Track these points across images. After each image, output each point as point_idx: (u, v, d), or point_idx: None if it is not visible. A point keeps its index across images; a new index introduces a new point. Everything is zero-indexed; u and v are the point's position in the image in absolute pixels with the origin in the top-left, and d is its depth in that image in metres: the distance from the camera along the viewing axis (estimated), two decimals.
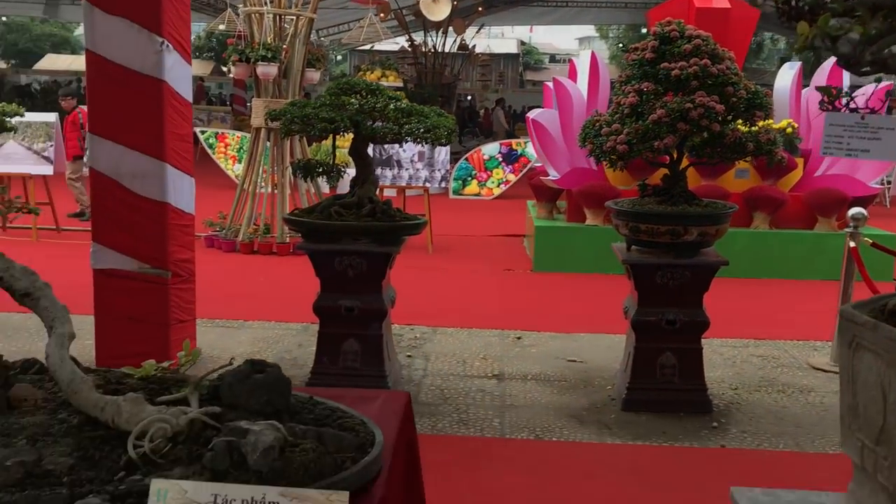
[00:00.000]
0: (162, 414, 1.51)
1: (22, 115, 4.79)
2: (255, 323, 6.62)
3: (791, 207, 8.82)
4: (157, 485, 1.20)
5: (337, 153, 5.43)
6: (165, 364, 1.72)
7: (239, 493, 1.19)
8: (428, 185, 10.02)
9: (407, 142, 4.90)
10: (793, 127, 8.66)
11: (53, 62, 26.65)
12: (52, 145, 10.17)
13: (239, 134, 14.61)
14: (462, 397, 5.16)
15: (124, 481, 1.39)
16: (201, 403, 1.64)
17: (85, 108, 12.13)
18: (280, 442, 1.48)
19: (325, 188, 9.44)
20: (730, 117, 4.74)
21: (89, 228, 5.40)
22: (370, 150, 5.50)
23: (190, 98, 5.48)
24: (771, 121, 4.91)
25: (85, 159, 11.27)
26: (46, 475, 1.41)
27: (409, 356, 5.91)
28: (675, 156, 4.95)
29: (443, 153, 10.01)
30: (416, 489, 1.95)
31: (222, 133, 14.82)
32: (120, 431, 1.53)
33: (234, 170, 13.82)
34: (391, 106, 4.89)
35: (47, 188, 10.27)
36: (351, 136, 5.09)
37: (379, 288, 5.16)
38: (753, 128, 4.89)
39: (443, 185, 11.30)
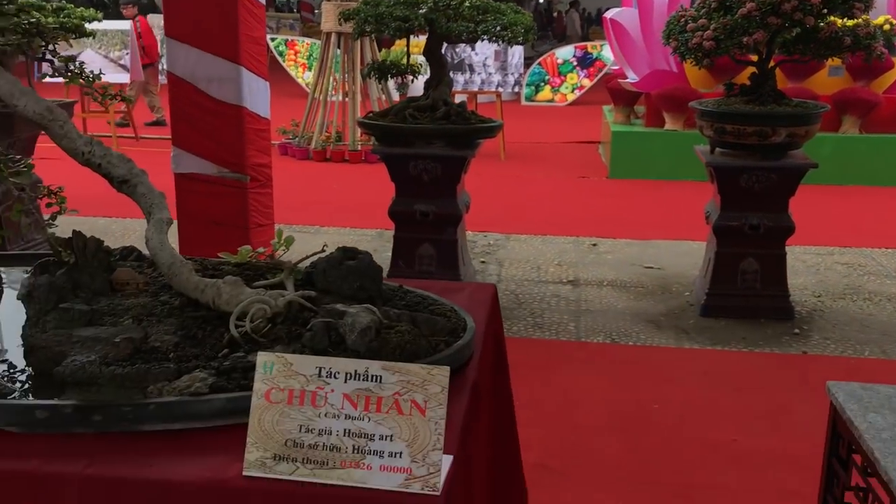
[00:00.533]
0: (261, 296, 1.54)
1: (100, 20, 4.82)
2: (330, 229, 6.71)
3: (884, 110, 8.39)
4: (263, 357, 1.23)
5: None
6: (260, 250, 1.75)
7: (342, 367, 1.21)
8: (500, 89, 9.84)
9: (483, 40, 4.78)
10: (891, 24, 8.14)
11: None
12: (127, 53, 10.30)
13: (308, 41, 14.51)
14: (537, 302, 5.17)
15: (228, 357, 1.43)
16: (296, 288, 1.66)
17: (146, 17, 12.16)
18: (376, 324, 1.49)
19: (396, 95, 9.38)
20: (825, 10, 4.46)
21: (167, 136, 5.48)
22: (444, 51, 5.39)
23: (263, 0, 5.42)
24: (867, 16, 4.61)
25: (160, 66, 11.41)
26: (153, 351, 1.46)
27: (482, 262, 5.92)
28: (763, 53, 4.72)
29: (516, 56, 9.77)
30: (504, 379, 1.96)
31: (292, 40, 14.74)
32: (220, 312, 1.57)
33: (305, 77, 13.79)
34: (466, 3, 4.75)
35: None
36: (424, 37, 4.99)
37: (454, 193, 5.14)
38: (850, 21, 4.61)
39: (515, 89, 11.09)
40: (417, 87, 5.16)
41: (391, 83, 9.50)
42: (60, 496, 1.23)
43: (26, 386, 1.43)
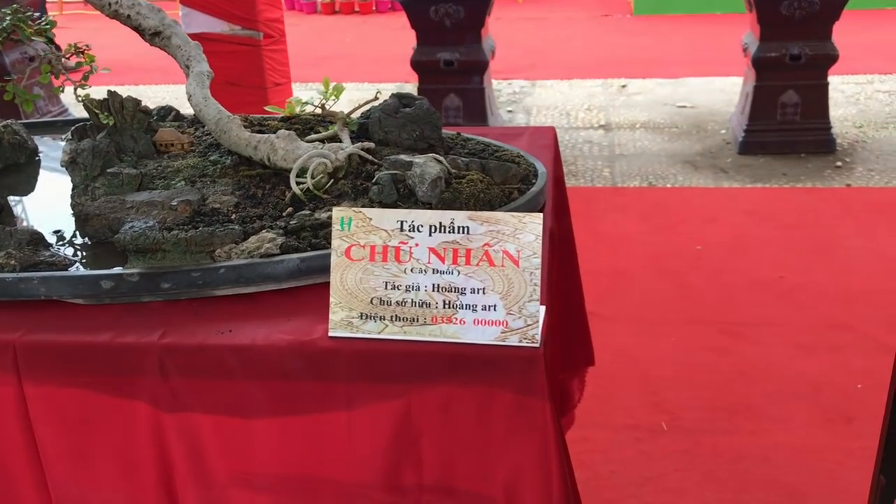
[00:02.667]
0: (319, 150, 1.44)
1: None
2: (349, 84, 6.50)
3: None
4: (339, 213, 1.14)
5: None
6: (306, 99, 1.63)
7: (426, 219, 1.12)
8: None
9: None
10: None
11: None
12: None
13: None
14: (569, 149, 5.04)
15: (294, 216, 1.35)
16: (352, 140, 1.55)
17: None
18: (445, 173, 1.39)
19: None
20: None
21: None
22: None
23: None
24: None
25: None
26: (214, 213, 1.37)
27: (509, 111, 5.75)
28: None
29: None
30: (568, 224, 1.88)
31: None
32: (277, 169, 1.47)
33: None
34: None
35: None
36: None
37: (478, 38, 4.91)
38: None
39: None
40: None
41: None
42: (141, 367, 1.18)
43: (85, 256, 1.36)
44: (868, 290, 3.39)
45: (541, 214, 1.11)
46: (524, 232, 1.11)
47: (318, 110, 1.60)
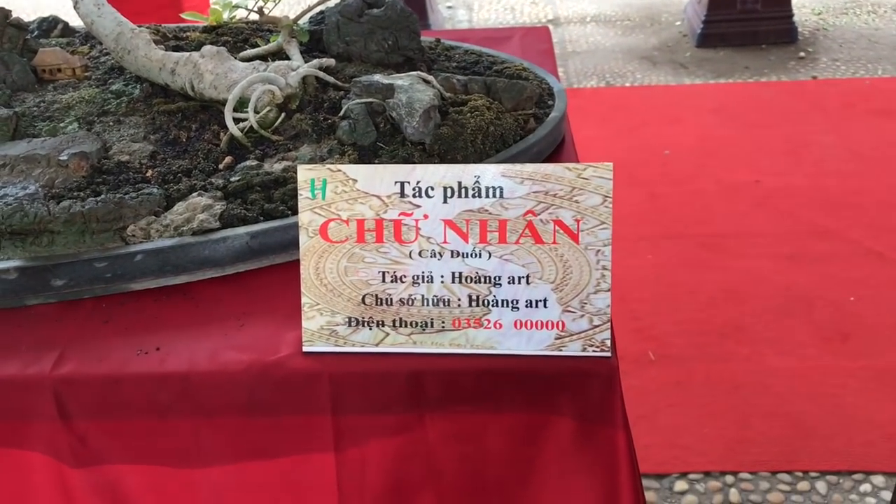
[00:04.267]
0: (261, 73, 1.04)
1: None
2: None
3: None
4: (307, 173, 0.76)
5: None
6: (244, 5, 1.21)
7: (438, 178, 0.76)
8: None
9: None
10: None
11: None
12: None
13: None
14: None
15: (235, 170, 0.96)
16: (303, 58, 1.15)
17: None
18: (439, 99, 1.02)
19: None
20: None
21: None
22: None
23: None
24: None
25: None
26: (121, 170, 0.98)
27: (449, 7, 5.27)
28: None
29: None
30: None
31: None
32: (204, 101, 1.07)
33: None
34: None
35: None
36: None
37: None
38: None
39: None
40: None
41: None
42: (31, 408, 0.80)
43: None
44: (847, 190, 3.18)
45: (610, 165, 0.76)
46: (586, 192, 0.76)
47: (254, 16, 1.19)
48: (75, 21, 1.36)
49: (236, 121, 1.01)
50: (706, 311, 2.63)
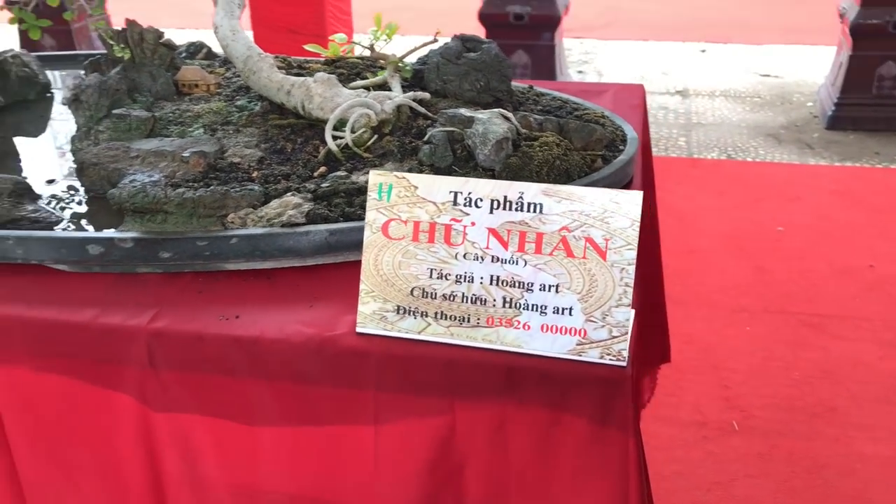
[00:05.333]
0: (362, 98, 1.19)
1: None
2: (413, 37, 6.21)
3: None
4: (378, 178, 0.89)
5: None
6: (364, 39, 1.37)
7: (487, 191, 0.87)
8: None
9: None
10: None
11: None
12: None
13: None
14: None
15: (327, 178, 1.11)
16: (404, 90, 1.30)
17: None
18: (513, 133, 1.13)
19: None
20: None
21: None
22: None
23: None
24: None
25: None
26: (232, 169, 1.14)
27: (580, 72, 5.42)
28: None
29: None
30: (653, 205, 1.61)
31: None
32: (312, 120, 1.23)
33: None
34: None
35: None
36: None
37: None
38: None
39: None
40: None
41: None
42: (127, 355, 0.95)
43: (78, 213, 1.14)
44: None
45: (640, 193, 0.85)
46: (617, 215, 0.85)
47: (367, 52, 1.35)
48: (219, 47, 1.56)
49: (335, 138, 1.16)
50: (799, 387, 2.58)
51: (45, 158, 1.34)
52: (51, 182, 1.23)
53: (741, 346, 2.77)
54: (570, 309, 0.86)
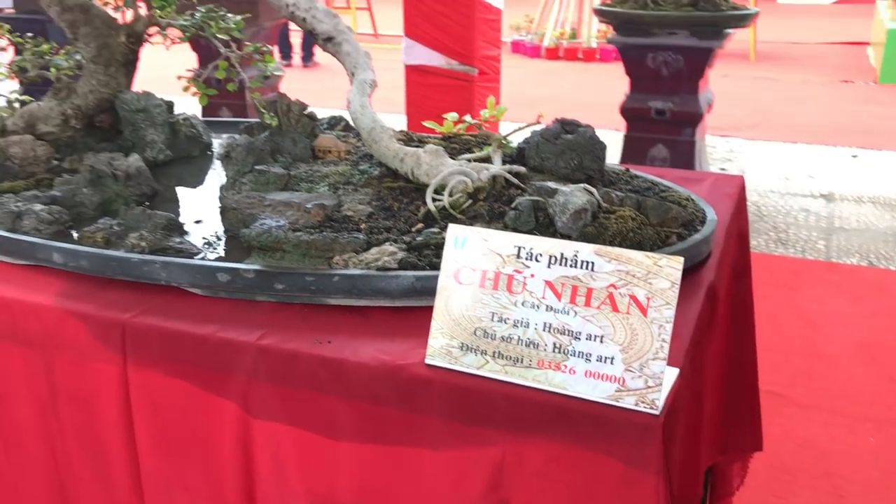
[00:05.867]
0: (463, 168, 1.34)
1: None
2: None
3: None
4: (455, 231, 1.03)
5: None
6: (468, 119, 1.54)
7: (546, 248, 0.99)
8: None
9: None
10: None
11: None
12: None
13: None
14: (782, 216, 4.64)
15: (422, 232, 1.26)
16: (505, 164, 1.45)
17: None
18: (593, 206, 1.25)
19: None
20: None
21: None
22: None
23: None
24: None
25: None
26: (345, 220, 1.32)
27: (722, 169, 5.42)
28: None
29: None
30: (746, 286, 1.65)
31: None
32: (418, 184, 1.40)
33: None
34: None
35: None
36: None
37: (695, 89, 4.66)
38: None
39: None
40: None
41: None
42: (236, 365, 1.13)
43: (215, 248, 1.35)
44: None
45: (681, 259, 0.94)
46: (658, 277, 0.95)
47: (479, 129, 1.51)
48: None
49: (435, 200, 1.32)
50: None
51: (198, 203, 1.58)
52: (198, 222, 1.46)
53: (862, 457, 2.66)
54: (612, 358, 0.95)
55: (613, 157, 5.03)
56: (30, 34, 1.74)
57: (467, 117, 1.52)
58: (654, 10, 4.42)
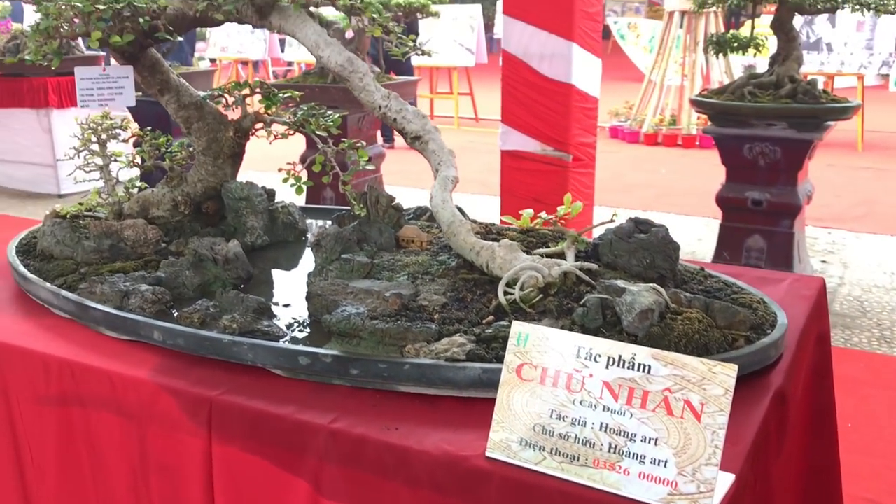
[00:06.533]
0: (535, 263, 1.40)
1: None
2: (653, 214, 6.41)
3: None
4: (518, 327, 1.09)
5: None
6: (544, 215, 1.61)
7: (605, 349, 1.03)
8: (863, 71, 8.69)
9: (843, 8, 4.18)
10: None
11: None
12: (474, 36, 10.74)
13: (652, 23, 14.08)
14: (886, 312, 4.46)
15: (491, 325, 1.32)
16: (577, 260, 1.50)
17: None
18: (660, 307, 1.28)
19: (740, 72, 8.71)
20: None
21: None
22: (797, 27, 4.83)
23: None
24: None
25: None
26: (419, 310, 1.39)
27: (823, 262, 5.27)
28: None
29: (885, 31, 8.54)
30: (825, 391, 1.62)
31: (633, 23, 14.39)
32: (493, 277, 1.46)
33: (644, 60, 13.40)
34: None
35: (469, 79, 10.96)
36: (772, 6, 4.50)
37: (794, 180, 4.60)
38: None
39: (883, 71, 9.72)
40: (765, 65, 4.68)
41: (737, 67, 8.85)
42: (309, 446, 1.20)
43: (299, 331, 1.44)
44: None
45: (734, 367, 0.96)
46: (712, 383, 0.97)
47: (554, 224, 1.57)
48: None
49: (506, 293, 1.37)
50: None
51: (289, 286, 1.68)
52: (286, 305, 1.55)
53: None
54: (666, 462, 0.97)
55: (710, 245, 4.97)
56: (149, 127, 1.92)
57: (543, 214, 1.58)
58: (751, 102, 4.43)
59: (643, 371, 1.01)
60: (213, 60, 12.06)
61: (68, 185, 6.56)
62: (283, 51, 13.17)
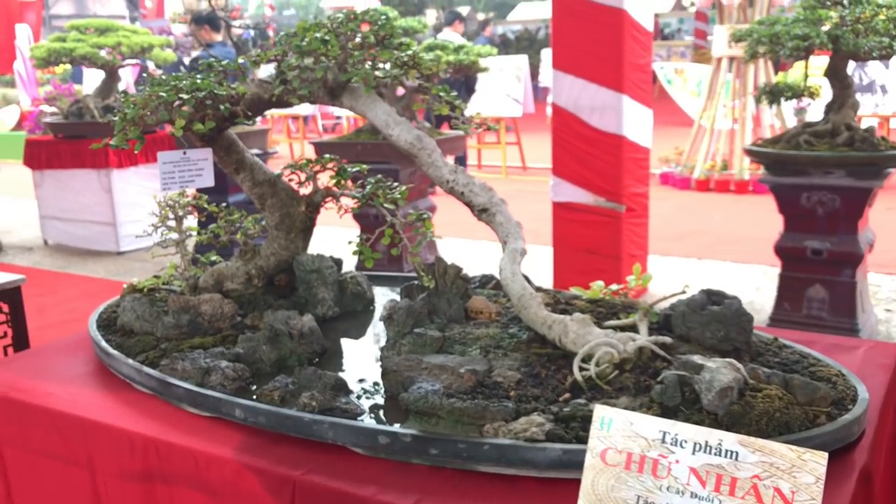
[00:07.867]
0: (609, 338, 1.41)
1: (494, 55, 5.26)
2: (708, 262, 6.34)
3: None
4: (601, 412, 1.09)
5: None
6: (614, 287, 1.62)
7: (691, 435, 1.03)
8: None
9: None
10: None
11: (525, 12, 28.49)
12: (521, 87, 10.86)
13: (699, 67, 14.07)
14: None
15: (569, 403, 1.33)
16: (650, 332, 1.50)
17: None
18: (739, 383, 1.28)
19: (792, 121, 8.65)
20: None
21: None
22: (850, 72, 4.80)
23: (650, 27, 5.33)
24: None
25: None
26: (495, 386, 1.40)
27: (888, 310, 5.15)
28: None
29: None
30: None
31: (680, 68, 14.40)
32: (566, 351, 1.47)
33: (693, 105, 13.37)
34: (880, 16, 4.16)
35: (517, 128, 11.06)
36: (827, 58, 4.49)
37: (854, 229, 4.52)
38: None
39: None
40: (818, 112, 4.65)
41: (788, 110, 8.79)
42: None
43: (377, 408, 1.46)
44: None
45: (825, 454, 0.96)
46: (802, 471, 0.96)
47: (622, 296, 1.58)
48: None
49: (581, 369, 1.38)
50: None
51: (361, 360, 1.71)
52: (361, 381, 1.58)
53: None
54: None
55: (769, 294, 4.90)
56: (224, 203, 1.99)
57: (613, 286, 1.59)
58: (807, 151, 4.39)
59: (730, 457, 1.01)
60: (264, 116, 12.38)
61: (127, 243, 6.77)
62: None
